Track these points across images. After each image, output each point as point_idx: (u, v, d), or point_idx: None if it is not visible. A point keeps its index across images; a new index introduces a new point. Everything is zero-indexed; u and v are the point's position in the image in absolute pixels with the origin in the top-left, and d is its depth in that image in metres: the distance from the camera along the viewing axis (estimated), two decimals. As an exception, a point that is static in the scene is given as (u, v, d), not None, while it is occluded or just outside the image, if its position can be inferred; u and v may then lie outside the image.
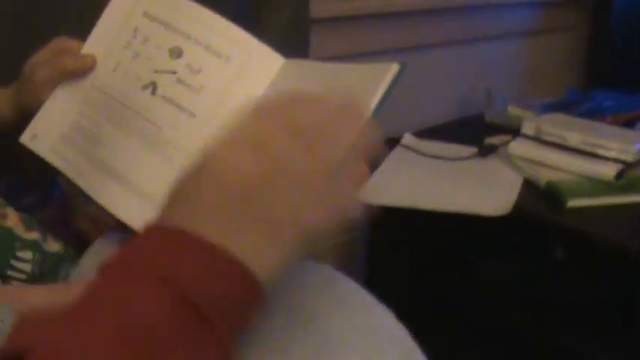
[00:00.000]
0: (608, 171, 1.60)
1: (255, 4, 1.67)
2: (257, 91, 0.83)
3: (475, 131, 1.94)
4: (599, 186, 1.59)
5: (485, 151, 1.77)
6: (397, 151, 1.76)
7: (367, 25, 1.93)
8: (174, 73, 0.85)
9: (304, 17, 1.74)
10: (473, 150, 1.78)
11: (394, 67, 0.71)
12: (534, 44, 2.49)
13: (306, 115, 0.56)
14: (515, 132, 1.78)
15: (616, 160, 1.62)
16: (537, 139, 1.71)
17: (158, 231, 0.52)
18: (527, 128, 1.73)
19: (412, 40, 2.07)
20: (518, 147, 1.71)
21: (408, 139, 1.81)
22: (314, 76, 0.81)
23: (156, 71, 0.85)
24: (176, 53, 0.86)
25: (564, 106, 2.02)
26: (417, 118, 2.02)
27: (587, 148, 1.65)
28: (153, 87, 0.85)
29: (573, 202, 1.53)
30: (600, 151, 1.64)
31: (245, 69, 0.84)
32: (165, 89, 0.85)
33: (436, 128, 1.99)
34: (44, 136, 0.89)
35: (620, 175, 1.60)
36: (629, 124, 1.93)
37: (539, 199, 1.59)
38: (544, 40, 2.51)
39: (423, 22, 2.08)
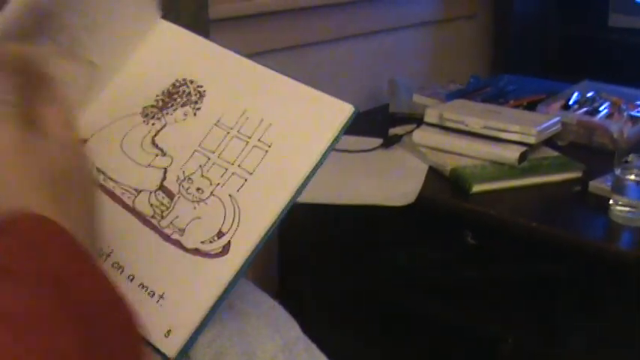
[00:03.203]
0: (511, 154, 1.62)
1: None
2: None
3: (381, 122, 1.94)
4: (503, 169, 1.61)
5: (390, 142, 1.77)
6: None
7: (267, 23, 1.91)
8: None
9: (204, 19, 1.72)
10: (378, 141, 1.78)
11: (348, 110, 0.69)
12: (438, 33, 2.51)
13: None
14: (419, 121, 1.79)
15: (518, 143, 1.64)
16: (440, 127, 1.72)
17: None
18: (430, 116, 1.74)
19: (314, 36, 2.06)
20: (421, 135, 1.72)
21: (312, 134, 1.80)
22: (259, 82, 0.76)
23: None
24: None
25: (468, 93, 2.04)
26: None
27: (490, 133, 1.66)
28: None
29: (478, 187, 1.55)
30: (502, 135, 1.66)
31: None
32: None
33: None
34: None
35: (522, 157, 1.62)
36: (530, 107, 1.95)
37: (445, 186, 1.60)
38: (447, 28, 2.53)
39: (323, 17, 2.07)
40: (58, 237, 0.53)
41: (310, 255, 1.83)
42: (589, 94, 1.96)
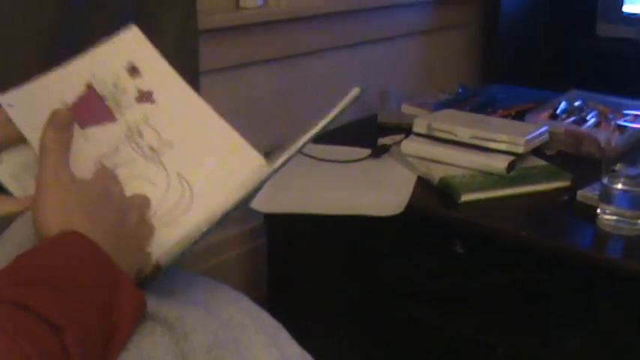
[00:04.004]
0: (500, 163, 1.62)
1: (142, 19, 1.64)
2: None
3: (370, 133, 1.94)
4: (492, 179, 1.61)
5: (379, 152, 1.78)
6: (291, 158, 1.74)
7: (256, 33, 1.92)
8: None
9: (193, 29, 1.72)
10: (366, 151, 1.79)
11: (355, 91, 0.85)
12: (428, 42, 2.51)
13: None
14: (408, 131, 1.79)
15: (506, 153, 1.65)
16: (429, 137, 1.72)
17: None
18: (419, 126, 1.75)
19: (303, 46, 2.07)
20: (410, 145, 1.73)
21: (301, 144, 1.80)
22: None
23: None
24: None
25: (457, 102, 2.04)
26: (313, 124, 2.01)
27: (478, 142, 1.67)
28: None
29: (467, 197, 1.55)
30: (491, 145, 1.66)
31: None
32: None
33: (330, 132, 1.98)
34: (7, 163, 0.92)
35: (511, 167, 1.63)
36: (519, 116, 1.96)
37: (434, 195, 1.60)
38: (437, 37, 2.54)
39: (313, 28, 2.07)
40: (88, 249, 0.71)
41: (299, 264, 1.83)
42: (576, 104, 1.97)
